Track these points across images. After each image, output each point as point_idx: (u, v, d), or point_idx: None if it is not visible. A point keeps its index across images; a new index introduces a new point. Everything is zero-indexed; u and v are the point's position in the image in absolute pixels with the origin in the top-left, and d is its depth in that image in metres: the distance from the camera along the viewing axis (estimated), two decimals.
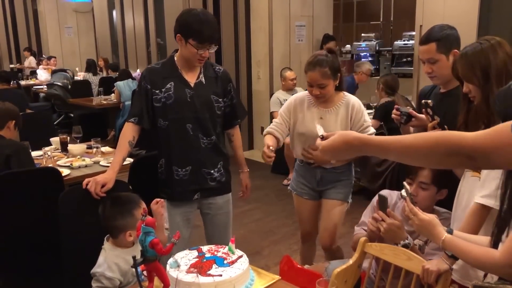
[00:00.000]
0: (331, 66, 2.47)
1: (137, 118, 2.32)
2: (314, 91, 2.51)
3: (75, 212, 2.10)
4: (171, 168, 2.38)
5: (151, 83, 2.32)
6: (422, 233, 1.65)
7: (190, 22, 2.21)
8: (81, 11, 10.96)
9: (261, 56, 6.09)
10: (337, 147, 1.35)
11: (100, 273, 1.80)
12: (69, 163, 3.28)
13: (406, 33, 8.57)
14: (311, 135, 2.49)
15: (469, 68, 1.73)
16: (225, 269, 1.70)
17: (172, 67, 2.35)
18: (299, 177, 2.76)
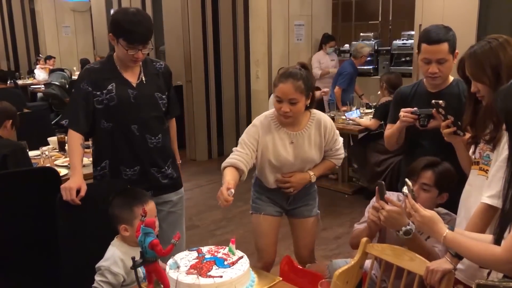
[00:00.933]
0: (305, 81, 2.22)
1: (76, 125, 2.22)
2: (283, 108, 2.21)
3: (72, 213, 2.08)
4: (117, 168, 2.31)
5: (91, 85, 2.23)
6: (423, 230, 1.64)
7: (120, 21, 2.13)
8: (78, 11, 10.92)
9: (259, 56, 6.06)
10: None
11: (105, 267, 1.78)
12: (67, 163, 3.25)
13: (405, 32, 8.55)
14: (286, 162, 2.34)
15: (479, 67, 1.70)
16: (226, 270, 1.68)
17: (112, 67, 2.27)
18: (266, 198, 2.49)
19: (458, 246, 1.46)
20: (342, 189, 5.14)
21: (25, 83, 9.21)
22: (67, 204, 2.06)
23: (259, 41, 6.05)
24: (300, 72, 2.23)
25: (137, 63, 2.25)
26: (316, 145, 2.36)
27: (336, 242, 3.85)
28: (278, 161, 2.33)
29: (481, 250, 1.36)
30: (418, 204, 1.63)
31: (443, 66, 2.14)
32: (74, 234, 2.07)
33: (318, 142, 2.36)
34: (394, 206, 1.84)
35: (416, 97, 2.33)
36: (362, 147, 4.71)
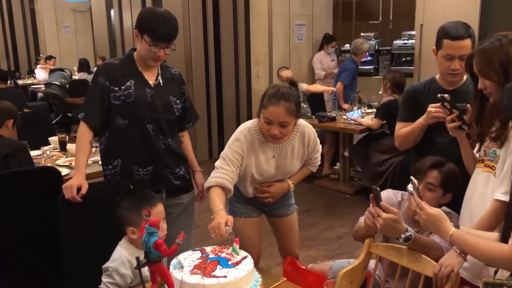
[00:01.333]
0: (296, 102, 2.11)
1: (89, 117, 2.22)
2: (272, 130, 2.09)
3: (74, 213, 2.06)
4: (130, 167, 2.29)
5: (109, 79, 2.22)
6: (429, 228, 1.63)
7: (147, 18, 2.17)
8: (78, 10, 10.92)
9: (260, 56, 6.05)
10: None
11: (113, 268, 1.75)
12: (68, 163, 3.24)
13: (406, 32, 8.55)
14: (267, 175, 2.30)
15: (488, 64, 1.68)
16: (230, 270, 1.67)
17: (131, 65, 2.27)
18: (243, 201, 2.42)
19: (464, 245, 1.45)
20: (344, 189, 5.13)
21: (25, 83, 9.20)
22: (68, 204, 2.04)
23: (259, 41, 6.04)
24: (291, 93, 2.11)
25: (158, 62, 2.25)
26: (299, 157, 2.32)
27: (338, 242, 3.84)
28: (260, 175, 2.29)
29: (489, 248, 1.36)
30: (423, 202, 1.61)
31: (464, 62, 2.09)
32: (75, 234, 2.05)
33: (301, 154, 2.32)
34: (390, 213, 1.77)
35: (430, 95, 2.27)
36: (363, 147, 4.70)
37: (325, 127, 4.97)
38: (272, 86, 2.18)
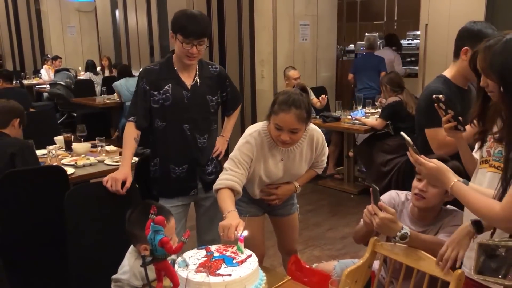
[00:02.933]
0: (307, 109, 2.12)
1: (135, 118, 2.36)
2: (282, 136, 2.10)
3: (80, 211, 2.08)
4: (167, 166, 2.43)
5: (149, 84, 2.36)
6: (431, 181, 1.64)
7: (179, 17, 2.29)
8: (84, 11, 10.95)
9: (265, 55, 6.06)
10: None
11: (125, 281, 1.71)
12: (74, 162, 3.26)
13: (410, 32, 8.53)
14: (275, 178, 2.32)
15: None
16: (234, 268, 1.67)
17: (170, 68, 2.39)
18: (249, 202, 2.43)
19: (462, 196, 1.47)
20: (348, 189, 5.13)
21: (31, 83, 9.23)
22: (74, 202, 2.06)
23: (264, 41, 6.05)
24: (302, 100, 2.10)
25: (192, 60, 2.34)
26: (307, 160, 2.36)
27: (342, 242, 3.84)
28: (268, 177, 2.31)
29: (482, 204, 1.39)
30: (421, 156, 1.61)
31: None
32: (81, 232, 2.06)
33: (309, 157, 2.35)
34: (387, 213, 1.79)
35: (453, 94, 2.25)
36: (368, 147, 4.69)
37: (329, 127, 4.97)
38: (283, 92, 2.16)
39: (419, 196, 1.99)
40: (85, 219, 2.08)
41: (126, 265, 1.73)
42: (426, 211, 2.02)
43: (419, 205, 2.01)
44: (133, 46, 9.62)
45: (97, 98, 7.02)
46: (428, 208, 2.01)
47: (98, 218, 2.08)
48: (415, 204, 2.03)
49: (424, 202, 1.99)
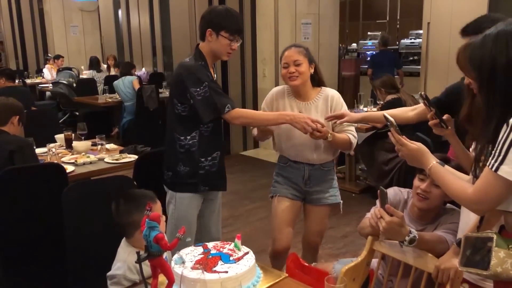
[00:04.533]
0: (306, 49, 2.52)
1: (230, 105, 2.35)
2: (290, 69, 2.45)
3: (79, 208, 2.08)
4: (222, 160, 2.48)
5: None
6: (412, 163, 1.62)
7: (221, 15, 2.30)
8: (86, 10, 10.97)
9: (266, 54, 6.05)
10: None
11: (121, 275, 1.71)
12: (74, 160, 3.26)
13: (413, 31, 8.53)
14: (290, 127, 2.42)
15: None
16: (231, 265, 1.66)
17: (206, 64, 2.37)
18: (283, 178, 2.63)
19: (439, 178, 1.50)
20: (349, 188, 5.11)
21: (34, 82, 9.25)
22: (72, 199, 2.06)
23: (266, 40, 6.04)
24: (300, 44, 2.57)
25: (230, 56, 2.41)
26: (323, 116, 2.50)
27: (343, 241, 3.83)
28: (289, 130, 2.46)
29: (456, 187, 1.42)
30: (403, 137, 1.61)
31: None
32: (80, 229, 2.06)
33: (325, 113, 2.51)
34: (396, 216, 1.75)
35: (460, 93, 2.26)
36: (369, 145, 4.67)
37: None
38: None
39: (422, 197, 1.96)
40: (83, 216, 2.08)
41: (120, 260, 1.74)
42: (427, 211, 2.01)
43: (421, 206, 1.98)
44: (136, 46, 9.63)
45: (99, 97, 7.03)
46: (430, 208, 1.99)
47: (96, 215, 2.08)
48: (417, 205, 2.00)
49: (427, 203, 1.97)
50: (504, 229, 1.41)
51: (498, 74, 1.31)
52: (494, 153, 1.30)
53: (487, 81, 1.34)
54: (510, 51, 1.30)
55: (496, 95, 1.32)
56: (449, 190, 1.46)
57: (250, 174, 5.39)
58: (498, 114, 1.32)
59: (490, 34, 1.36)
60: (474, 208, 1.41)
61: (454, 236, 1.87)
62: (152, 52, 9.17)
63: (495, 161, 1.28)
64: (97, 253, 1.90)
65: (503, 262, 1.34)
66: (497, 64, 1.31)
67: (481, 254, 1.41)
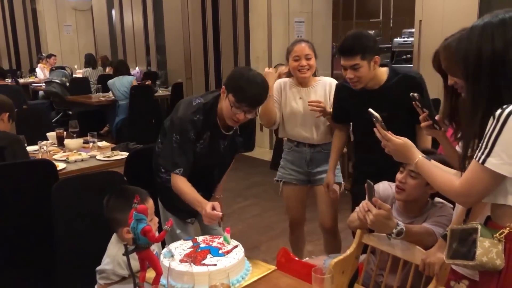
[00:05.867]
0: (312, 44, 2.73)
1: (181, 170, 2.12)
2: (301, 63, 2.66)
3: (68, 203, 2.07)
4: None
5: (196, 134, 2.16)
6: (397, 158, 1.63)
7: (238, 77, 2.08)
8: (80, 9, 10.94)
9: (260, 53, 6.06)
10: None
11: (109, 270, 1.71)
12: (65, 157, 3.25)
13: (406, 30, 8.52)
14: (298, 114, 2.75)
15: (453, 61, 1.56)
16: (220, 258, 1.67)
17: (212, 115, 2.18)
18: (288, 163, 2.87)
19: (425, 172, 1.51)
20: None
21: (27, 81, 9.21)
22: (62, 194, 2.05)
23: (259, 38, 6.05)
24: (307, 40, 2.80)
25: (236, 124, 2.16)
26: (321, 98, 2.70)
27: None
28: (291, 110, 2.74)
29: (443, 180, 1.43)
30: (389, 133, 1.61)
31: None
32: (69, 225, 2.06)
33: (323, 98, 2.72)
34: (382, 209, 1.75)
35: (350, 94, 2.51)
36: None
37: None
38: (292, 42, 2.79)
39: (399, 189, 1.98)
40: (72, 211, 2.07)
41: (109, 255, 1.73)
42: (411, 203, 2.01)
43: (399, 198, 2.00)
44: (129, 45, 9.62)
45: (92, 96, 7.01)
46: (409, 200, 1.99)
47: (86, 210, 2.07)
48: (396, 197, 2.03)
49: (404, 195, 1.97)
50: (490, 220, 1.43)
51: (483, 66, 1.32)
52: (481, 145, 1.30)
53: (473, 73, 1.35)
54: (495, 43, 1.31)
55: (482, 87, 1.33)
56: (436, 183, 1.46)
57: (243, 172, 5.39)
58: (484, 106, 1.32)
59: (477, 26, 1.37)
60: (462, 200, 1.43)
61: (443, 229, 1.88)
62: (146, 51, 9.16)
63: (481, 153, 1.29)
64: (87, 248, 1.89)
65: (488, 252, 1.35)
66: (483, 55, 1.32)
67: (467, 245, 1.42)
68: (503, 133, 1.25)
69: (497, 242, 1.36)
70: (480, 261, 1.34)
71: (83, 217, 2.06)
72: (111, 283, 1.71)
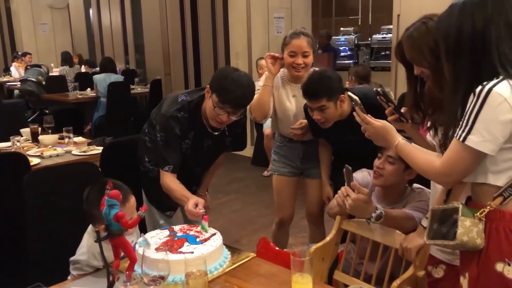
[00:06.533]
0: (312, 38, 2.51)
1: (171, 167, 2.10)
2: (297, 60, 2.46)
3: (41, 194, 2.00)
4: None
5: (181, 132, 2.13)
6: (377, 141, 1.62)
7: (221, 77, 2.01)
8: (56, 7, 10.74)
9: (239, 48, 6.02)
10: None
11: (83, 262, 1.66)
12: (40, 153, 3.17)
13: (384, 26, 8.63)
14: (290, 113, 2.59)
15: (417, 51, 1.61)
16: (197, 246, 1.64)
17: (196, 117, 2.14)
18: (281, 157, 2.77)
19: (406, 155, 1.50)
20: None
21: (1, 81, 9.00)
22: (34, 186, 1.99)
23: (238, 34, 6.02)
24: (307, 31, 2.52)
25: (220, 126, 2.11)
26: None
27: None
28: (284, 111, 2.59)
29: (424, 161, 1.42)
30: (368, 116, 1.60)
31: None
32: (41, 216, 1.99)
33: None
34: (361, 193, 1.75)
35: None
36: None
37: None
38: (291, 31, 2.54)
39: (377, 174, 1.97)
40: (44, 203, 2.01)
41: (84, 246, 1.67)
42: (390, 189, 2.01)
43: (377, 183, 2.00)
44: (107, 44, 9.49)
45: (70, 94, 6.88)
46: (387, 186, 1.99)
47: (58, 201, 2.01)
48: (373, 183, 2.02)
49: (381, 180, 1.97)
50: (471, 200, 1.42)
51: (464, 42, 1.31)
52: (461, 123, 1.29)
53: (454, 50, 1.34)
54: (475, 20, 1.30)
55: (462, 64, 1.32)
56: (416, 164, 1.45)
57: (224, 168, 5.29)
58: (465, 84, 1.31)
59: (457, 4, 1.35)
60: (443, 180, 1.41)
61: (422, 213, 1.87)
62: (124, 50, 9.04)
63: (462, 131, 1.28)
64: (61, 239, 1.83)
65: (469, 231, 1.35)
66: (463, 33, 1.31)
67: (448, 225, 1.42)
68: (483, 110, 1.24)
69: (478, 222, 1.36)
70: (461, 241, 1.34)
71: (56, 208, 2.00)
72: (84, 274, 1.66)
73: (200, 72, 6.56)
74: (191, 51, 6.46)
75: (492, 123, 1.24)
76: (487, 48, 1.29)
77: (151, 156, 2.24)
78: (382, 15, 9.21)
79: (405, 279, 1.63)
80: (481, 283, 1.37)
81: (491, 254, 1.35)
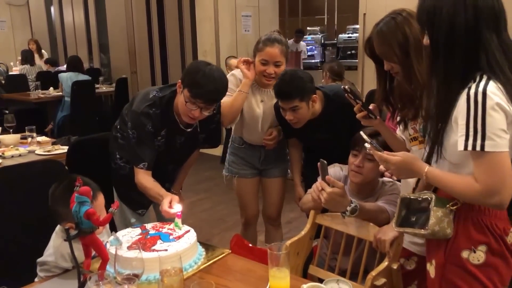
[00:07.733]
0: (286, 45, 2.42)
1: (145, 164, 2.06)
2: (268, 70, 2.37)
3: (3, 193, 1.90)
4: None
5: (154, 128, 2.09)
6: (402, 175, 1.57)
7: (192, 71, 1.97)
8: (14, 4, 10.33)
9: (207, 46, 5.97)
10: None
11: (51, 263, 1.59)
12: (1, 153, 3.04)
13: (350, 26, 8.74)
14: (258, 119, 2.53)
15: (387, 46, 1.60)
16: (171, 244, 1.59)
17: (169, 113, 2.11)
18: (239, 159, 2.70)
19: (439, 182, 1.39)
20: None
21: None
22: None
23: (206, 32, 5.97)
24: (282, 38, 2.39)
25: (192, 121, 2.08)
26: None
27: (287, 226, 3.82)
28: (252, 117, 2.51)
29: (463, 185, 1.32)
30: (385, 153, 1.50)
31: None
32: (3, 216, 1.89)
33: None
34: (336, 187, 1.74)
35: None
36: None
37: None
38: (265, 35, 2.42)
39: (356, 172, 1.98)
40: (7, 203, 1.91)
41: (52, 246, 1.60)
42: (364, 185, 2.02)
43: (357, 181, 2.00)
44: (70, 43, 9.23)
45: (31, 93, 6.65)
46: (366, 182, 2.01)
47: (22, 201, 1.92)
48: (353, 180, 2.03)
49: (361, 178, 1.98)
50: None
51: (457, 30, 1.29)
52: (466, 133, 1.25)
53: (445, 41, 1.31)
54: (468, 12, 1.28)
55: (457, 51, 1.30)
56: (455, 190, 1.35)
57: (193, 167, 5.27)
58: (461, 73, 1.30)
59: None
60: (493, 200, 1.28)
61: (394, 206, 1.89)
62: (88, 49, 8.82)
63: (474, 140, 1.24)
64: (26, 240, 1.75)
65: (441, 221, 1.37)
66: (456, 23, 1.29)
67: (417, 214, 1.43)
68: (487, 116, 1.23)
69: (449, 212, 1.38)
70: (432, 230, 1.36)
71: (21, 207, 1.90)
72: (52, 275, 1.59)
73: (167, 71, 6.47)
74: (158, 49, 6.36)
75: (498, 123, 1.24)
76: (483, 37, 1.28)
77: (123, 153, 2.18)
78: (347, 15, 9.34)
79: (380, 271, 1.64)
80: (447, 269, 1.41)
81: (459, 242, 1.38)
